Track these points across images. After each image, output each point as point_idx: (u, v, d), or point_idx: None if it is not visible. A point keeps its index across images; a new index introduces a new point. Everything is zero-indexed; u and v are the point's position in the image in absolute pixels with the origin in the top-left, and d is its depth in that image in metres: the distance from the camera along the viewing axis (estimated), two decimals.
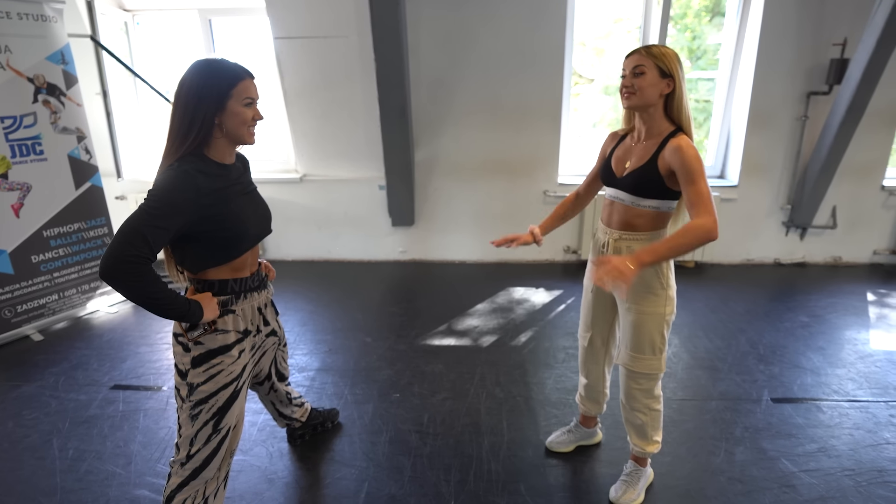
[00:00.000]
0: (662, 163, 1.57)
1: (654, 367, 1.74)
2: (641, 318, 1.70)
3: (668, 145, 1.55)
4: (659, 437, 1.86)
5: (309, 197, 4.34)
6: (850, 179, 4.09)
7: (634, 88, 1.56)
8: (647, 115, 1.62)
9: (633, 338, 1.73)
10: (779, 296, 3.73)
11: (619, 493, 1.87)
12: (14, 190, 3.06)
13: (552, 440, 2.15)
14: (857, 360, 2.83)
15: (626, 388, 1.82)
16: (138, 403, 2.48)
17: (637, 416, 1.82)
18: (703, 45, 4.50)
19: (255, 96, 1.40)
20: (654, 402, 1.81)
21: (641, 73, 1.55)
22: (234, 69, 1.37)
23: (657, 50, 1.55)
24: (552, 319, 3.35)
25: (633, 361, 1.75)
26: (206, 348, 1.40)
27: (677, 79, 1.56)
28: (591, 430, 2.15)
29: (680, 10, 4.61)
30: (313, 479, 2.00)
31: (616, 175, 1.71)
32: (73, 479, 2.01)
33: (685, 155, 1.50)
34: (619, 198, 1.70)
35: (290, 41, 3.82)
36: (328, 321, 3.35)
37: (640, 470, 1.90)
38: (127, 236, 1.18)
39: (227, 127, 1.36)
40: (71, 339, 3.13)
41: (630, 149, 1.70)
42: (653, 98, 1.57)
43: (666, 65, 1.54)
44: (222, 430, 1.45)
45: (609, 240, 1.74)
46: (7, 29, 2.95)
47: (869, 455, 2.10)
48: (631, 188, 1.65)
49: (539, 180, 4.20)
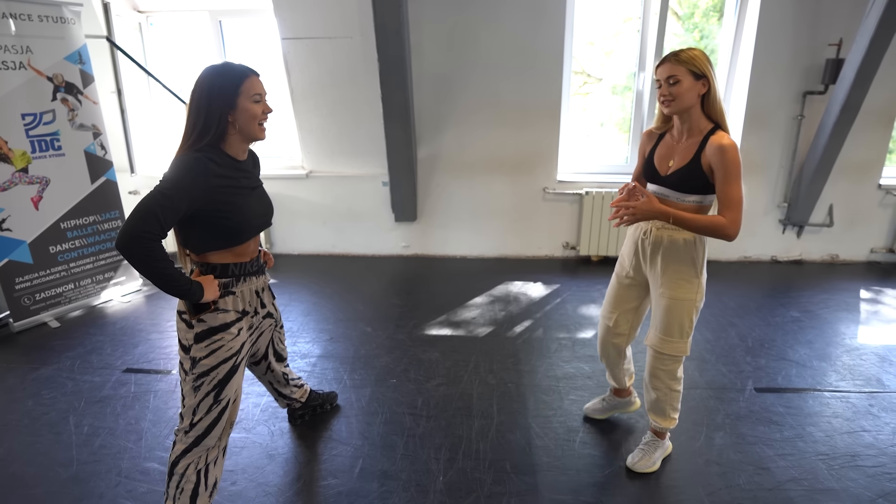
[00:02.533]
0: (705, 160, 1.66)
1: (680, 349, 1.84)
2: (674, 304, 1.80)
3: (710, 143, 1.64)
4: (676, 413, 1.98)
5: (315, 193, 4.47)
6: (848, 178, 4.13)
7: (673, 96, 1.65)
8: (686, 115, 1.70)
9: (664, 321, 1.83)
10: (773, 292, 3.79)
11: (635, 459, 2.01)
12: (34, 183, 3.22)
13: (588, 406, 2.31)
14: (843, 354, 2.89)
15: (651, 368, 1.92)
16: (149, 385, 2.62)
17: (657, 394, 1.94)
18: (711, 45, 4.55)
19: (263, 92, 1.53)
20: (676, 382, 1.92)
21: (677, 81, 1.63)
22: (240, 69, 1.49)
23: (685, 55, 1.63)
24: (548, 312, 3.45)
25: (662, 344, 1.85)
26: (207, 325, 1.52)
27: (710, 78, 1.64)
28: (625, 399, 2.26)
29: (688, 10, 4.67)
30: (311, 456, 2.13)
31: (660, 173, 1.79)
32: (87, 452, 2.15)
33: (726, 157, 1.60)
34: (664, 194, 1.78)
35: (296, 41, 3.95)
36: (330, 311, 3.48)
37: (657, 441, 2.03)
38: (141, 214, 1.30)
39: (239, 123, 1.49)
40: (86, 326, 3.28)
41: (672, 147, 1.77)
42: (691, 101, 1.66)
43: (698, 67, 1.63)
44: (222, 401, 1.58)
45: (651, 228, 1.82)
46: (29, 31, 3.10)
47: (844, 441, 2.18)
48: (676, 185, 1.73)
49: (539, 178, 4.29)
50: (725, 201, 1.62)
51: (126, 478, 2.00)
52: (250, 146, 1.62)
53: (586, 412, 2.31)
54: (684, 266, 1.77)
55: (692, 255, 1.76)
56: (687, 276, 1.77)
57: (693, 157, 1.68)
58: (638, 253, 1.89)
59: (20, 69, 3.09)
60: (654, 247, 1.82)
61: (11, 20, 3.03)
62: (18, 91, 3.10)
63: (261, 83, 1.53)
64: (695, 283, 1.78)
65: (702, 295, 1.81)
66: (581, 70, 4.67)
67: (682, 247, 1.76)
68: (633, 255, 1.92)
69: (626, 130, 4.45)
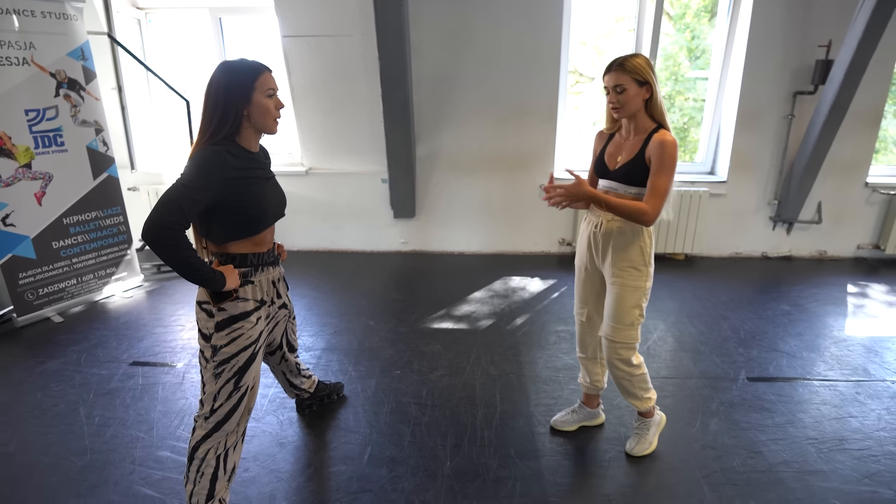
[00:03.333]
0: (647, 155, 1.80)
1: (631, 336, 1.93)
2: (624, 291, 1.90)
3: (653, 140, 1.78)
4: (649, 393, 2.05)
5: (314, 189, 4.52)
6: (836, 176, 4.25)
7: (620, 104, 1.80)
8: (632, 117, 1.85)
9: (615, 309, 1.92)
10: (764, 287, 3.90)
11: (632, 444, 2.11)
12: (37, 179, 3.24)
13: (557, 419, 2.29)
14: (832, 345, 3.00)
15: (608, 357, 1.99)
16: (156, 378, 2.66)
17: (623, 382, 2.02)
18: (702, 45, 4.65)
19: (276, 87, 1.59)
20: (634, 368, 1.99)
21: (623, 89, 1.77)
22: (255, 65, 1.55)
23: (630, 64, 1.76)
24: (546, 306, 3.52)
25: (614, 332, 1.93)
26: (228, 314, 1.58)
27: (653, 83, 1.78)
28: (594, 410, 2.28)
29: (679, 10, 4.76)
30: (320, 444, 2.18)
31: (609, 168, 1.92)
32: (100, 442, 2.19)
33: (664, 151, 1.75)
34: (612, 187, 1.91)
35: (297, 39, 3.99)
36: (333, 306, 3.53)
37: (646, 421, 2.12)
38: (165, 205, 1.36)
39: (254, 118, 1.54)
40: (89, 321, 3.31)
41: (620, 145, 1.91)
42: (637, 106, 1.81)
43: (641, 75, 1.76)
44: (242, 388, 1.63)
45: (602, 220, 1.93)
46: (32, 27, 3.12)
47: (833, 426, 2.28)
48: (622, 178, 1.86)
49: (536, 175, 4.37)
50: (652, 189, 1.76)
51: (140, 466, 2.04)
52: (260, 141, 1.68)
53: (554, 425, 2.27)
54: (633, 254, 1.87)
55: (640, 244, 1.87)
56: (636, 264, 1.88)
57: (637, 153, 1.82)
58: (591, 245, 1.99)
59: (23, 65, 3.11)
60: (605, 237, 1.92)
61: (15, 16, 3.05)
62: (22, 87, 3.11)
63: (273, 79, 1.59)
64: (644, 272, 1.89)
65: (650, 283, 1.92)
66: (574, 69, 4.75)
67: (631, 236, 1.87)
68: (587, 249, 2.02)
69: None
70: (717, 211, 4.36)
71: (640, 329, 1.96)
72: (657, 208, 1.75)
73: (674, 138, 1.77)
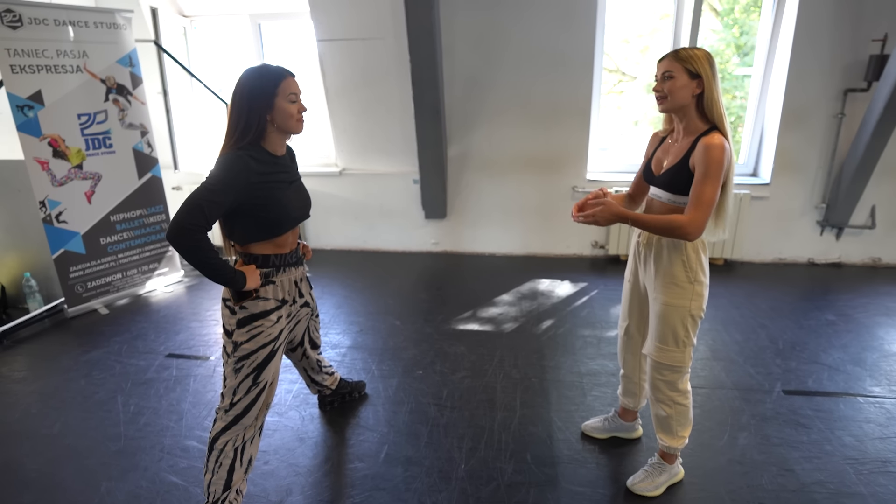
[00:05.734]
0: (692, 160, 1.61)
1: (677, 359, 1.77)
2: (666, 310, 1.74)
3: (699, 143, 1.59)
4: (685, 433, 1.87)
5: (347, 189, 4.60)
6: (891, 178, 3.99)
7: (665, 92, 1.62)
8: (681, 115, 1.67)
9: (658, 328, 1.77)
10: (808, 295, 3.71)
11: (636, 479, 1.92)
12: (87, 179, 3.44)
13: (588, 424, 2.22)
14: (881, 359, 2.82)
15: (651, 378, 1.85)
16: (189, 370, 2.78)
17: (661, 409, 1.84)
18: (752, 41, 4.46)
19: (298, 92, 1.62)
20: (679, 395, 1.82)
21: (671, 77, 1.60)
22: (277, 71, 1.59)
23: (685, 53, 1.60)
24: (574, 310, 3.47)
25: (658, 352, 1.79)
26: (249, 312, 1.63)
27: (707, 78, 1.59)
28: (629, 423, 2.17)
29: (727, 5, 4.58)
30: (339, 440, 2.22)
31: (654, 174, 1.77)
32: (134, 429, 2.30)
33: (708, 155, 1.55)
34: (658, 195, 1.75)
35: (331, 43, 4.07)
36: (361, 305, 3.59)
37: (663, 465, 1.92)
38: (189, 208, 1.42)
39: (277, 122, 1.59)
40: (132, 314, 3.49)
41: (669, 148, 1.75)
42: (684, 100, 1.61)
43: (694, 66, 1.58)
44: (260, 383, 1.68)
45: (646, 233, 1.79)
46: (86, 37, 3.32)
47: (875, 447, 2.14)
48: (667, 185, 1.69)
49: (568, 176, 4.30)
50: (694, 198, 1.57)
51: (168, 454, 2.14)
52: (287, 142, 1.72)
53: (585, 430, 2.21)
54: (676, 269, 1.71)
55: (682, 258, 1.70)
56: (678, 281, 1.71)
57: (683, 157, 1.64)
58: (636, 255, 1.88)
59: (77, 72, 3.31)
60: (647, 248, 1.79)
61: (70, 27, 3.25)
62: (75, 93, 3.31)
63: (296, 83, 1.62)
64: (687, 290, 1.71)
65: (699, 304, 1.73)
66: (616, 68, 4.65)
67: (673, 249, 1.71)
68: (633, 258, 1.91)
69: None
70: (760, 214, 4.17)
71: (692, 352, 1.79)
72: (697, 221, 1.55)
73: (723, 141, 1.55)
